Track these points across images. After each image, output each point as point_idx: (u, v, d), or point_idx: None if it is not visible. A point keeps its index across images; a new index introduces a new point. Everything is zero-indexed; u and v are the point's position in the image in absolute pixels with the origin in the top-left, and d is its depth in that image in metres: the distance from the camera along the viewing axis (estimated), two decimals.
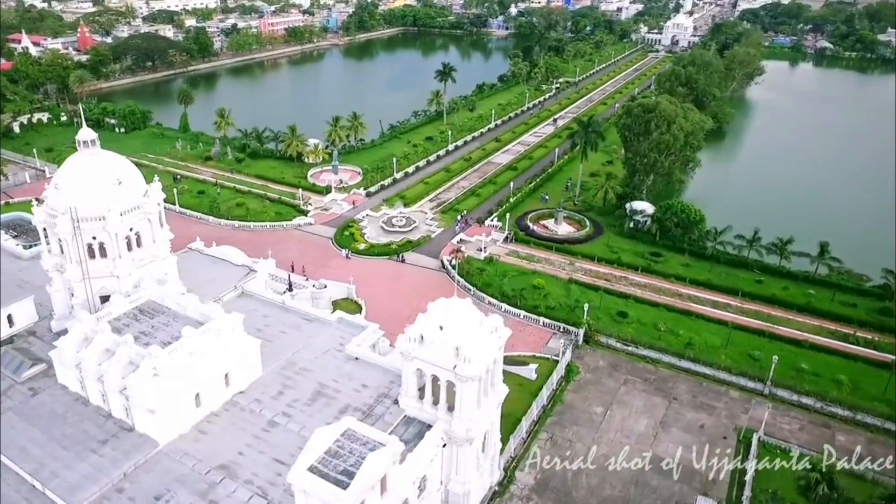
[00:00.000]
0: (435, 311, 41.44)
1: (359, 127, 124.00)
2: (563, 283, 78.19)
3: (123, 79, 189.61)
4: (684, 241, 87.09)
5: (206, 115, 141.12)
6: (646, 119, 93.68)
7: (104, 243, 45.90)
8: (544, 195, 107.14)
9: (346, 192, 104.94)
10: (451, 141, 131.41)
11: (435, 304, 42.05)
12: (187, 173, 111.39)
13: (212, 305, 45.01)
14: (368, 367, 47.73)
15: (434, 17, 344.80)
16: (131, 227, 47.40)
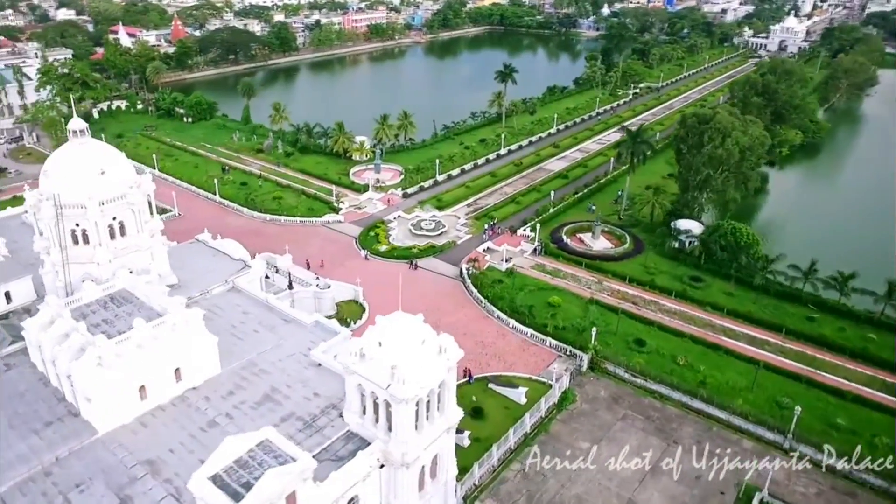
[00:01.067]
0: (378, 326, 39.99)
1: (408, 126, 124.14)
2: (582, 303, 74.06)
3: (207, 70, 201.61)
4: (731, 266, 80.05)
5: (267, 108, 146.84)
6: (700, 131, 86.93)
7: (86, 230, 48.13)
8: (591, 206, 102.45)
9: (384, 191, 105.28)
10: (503, 144, 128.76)
11: (382, 318, 40.59)
12: (238, 165, 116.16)
13: (175, 299, 45.94)
14: (327, 375, 46.92)
15: (521, 16, 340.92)
16: (115, 217, 49.47)
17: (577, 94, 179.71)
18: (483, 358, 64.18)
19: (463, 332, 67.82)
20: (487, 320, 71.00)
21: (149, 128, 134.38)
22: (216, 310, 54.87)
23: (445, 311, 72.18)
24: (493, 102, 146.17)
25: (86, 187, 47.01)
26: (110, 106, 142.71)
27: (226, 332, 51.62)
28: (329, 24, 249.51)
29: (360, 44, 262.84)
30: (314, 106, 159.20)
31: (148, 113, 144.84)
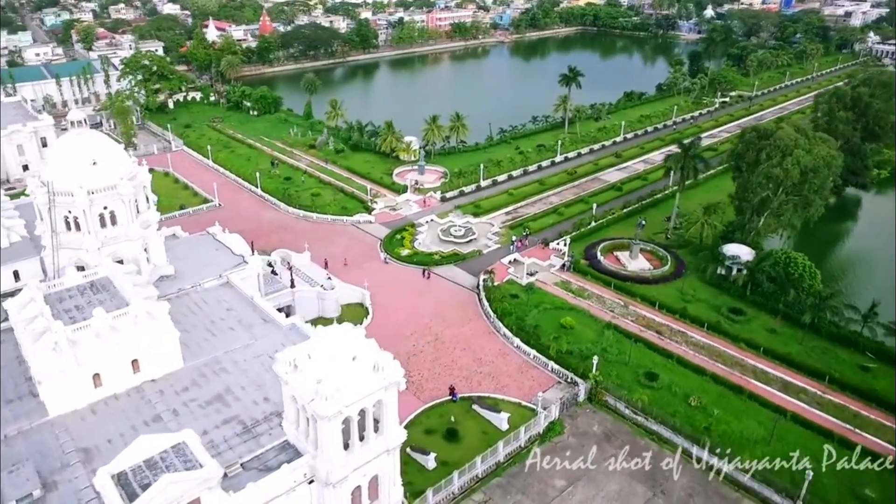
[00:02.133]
0: (314, 336, 39.13)
1: (460, 128, 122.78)
2: (599, 327, 69.63)
3: (286, 65, 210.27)
4: (779, 300, 72.49)
5: None
6: (759, 147, 79.38)
7: (77, 218, 50.78)
8: (641, 221, 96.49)
9: (422, 193, 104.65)
10: (560, 151, 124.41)
11: (319, 329, 39.70)
12: (288, 159, 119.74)
13: (146, 289, 47.44)
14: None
15: (616, 17, 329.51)
16: (106, 206, 51.86)
17: (656, 101, 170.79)
18: (476, 376, 61.84)
19: (463, 347, 66.14)
20: (492, 336, 68.43)
21: (216, 119, 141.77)
22: (201, 303, 56.39)
23: (451, 322, 70.42)
24: (559, 107, 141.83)
25: (76, 176, 49.65)
26: (185, 97, 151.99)
27: (201, 327, 52.98)
28: (411, 22, 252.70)
29: (441, 42, 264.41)
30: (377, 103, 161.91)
31: (219, 105, 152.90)
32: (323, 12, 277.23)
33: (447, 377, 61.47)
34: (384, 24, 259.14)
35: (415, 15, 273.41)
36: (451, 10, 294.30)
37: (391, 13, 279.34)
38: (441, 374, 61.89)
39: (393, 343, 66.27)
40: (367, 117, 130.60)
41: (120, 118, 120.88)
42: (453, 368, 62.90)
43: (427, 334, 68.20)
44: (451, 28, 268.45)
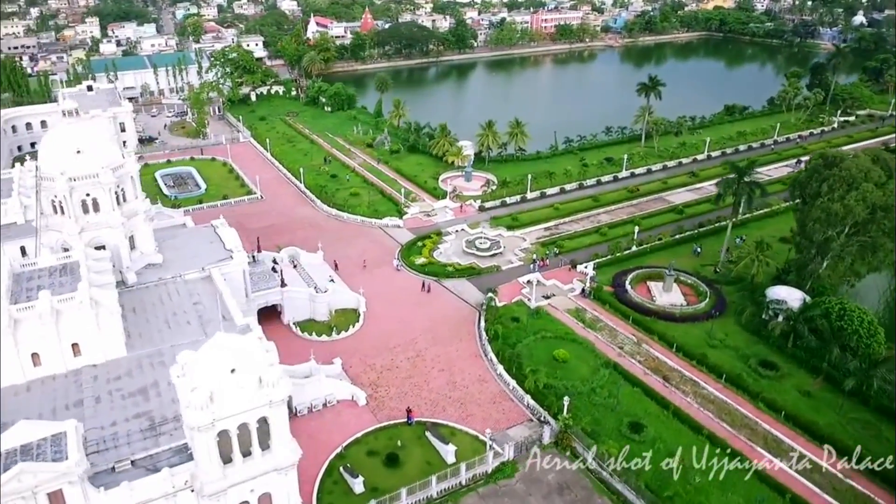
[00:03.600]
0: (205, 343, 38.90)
1: (519, 134, 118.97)
2: (598, 364, 64.07)
3: (379, 63, 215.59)
4: (824, 357, 62.80)
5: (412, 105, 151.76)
6: (823, 176, 69.35)
7: (62, 202, 54.47)
8: (696, 248, 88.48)
9: (463, 201, 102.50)
10: (626, 166, 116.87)
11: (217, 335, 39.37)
12: (342, 157, 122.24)
13: (103, 276, 49.86)
14: None
15: (746, 22, 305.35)
16: (88, 193, 55.16)
17: (761, 117, 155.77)
18: (444, 400, 59.13)
19: (441, 368, 63.73)
20: (477, 360, 65.23)
21: (291, 114, 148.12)
22: (173, 295, 58.52)
23: (440, 339, 68.06)
24: (640, 118, 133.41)
25: (60, 163, 53.29)
26: (269, 91, 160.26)
27: (162, 318, 54.92)
28: (511, 23, 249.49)
29: (544, 44, 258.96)
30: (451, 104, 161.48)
31: (298, 100, 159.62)
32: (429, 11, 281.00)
33: (413, 397, 59.35)
34: (486, 24, 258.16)
35: (519, 15, 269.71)
36: (559, 11, 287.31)
37: (495, 13, 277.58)
38: (408, 394, 59.86)
39: (372, 354, 65.63)
40: (437, 118, 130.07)
41: (196, 108, 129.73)
42: (423, 389, 60.61)
43: (410, 349, 66.35)
44: (555, 30, 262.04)
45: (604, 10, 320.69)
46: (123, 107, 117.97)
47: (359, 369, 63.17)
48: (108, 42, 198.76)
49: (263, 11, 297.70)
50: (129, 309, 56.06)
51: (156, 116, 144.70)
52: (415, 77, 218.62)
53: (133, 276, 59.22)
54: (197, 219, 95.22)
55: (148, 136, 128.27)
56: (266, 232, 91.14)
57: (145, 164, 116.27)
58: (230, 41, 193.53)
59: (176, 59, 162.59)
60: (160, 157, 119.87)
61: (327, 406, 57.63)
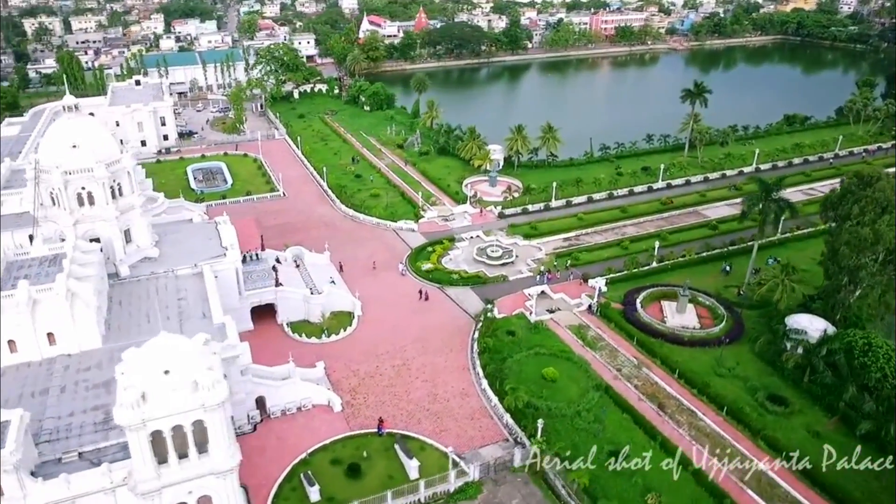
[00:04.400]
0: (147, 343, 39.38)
1: (551, 140, 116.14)
2: (589, 386, 61.18)
3: (428, 63, 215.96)
4: (841, 394, 57.83)
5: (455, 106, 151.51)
6: (856, 197, 63.90)
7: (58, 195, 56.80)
8: (726, 266, 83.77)
9: (483, 206, 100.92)
10: (662, 176, 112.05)
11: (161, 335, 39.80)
12: (373, 157, 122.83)
13: (85, 269, 51.59)
14: None
15: (826, 25, 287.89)
16: (83, 187, 57.24)
17: (824, 129, 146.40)
18: (421, 413, 58.00)
19: (425, 378, 62.71)
20: (464, 373, 63.76)
21: (330, 112, 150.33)
22: (161, 290, 60.00)
23: (431, 349, 66.96)
24: (685, 126, 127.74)
25: (56, 157, 55.57)
26: (312, 89, 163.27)
27: (144, 312, 56.43)
28: (568, 24, 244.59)
29: (602, 46, 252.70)
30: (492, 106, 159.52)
31: (340, 98, 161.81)
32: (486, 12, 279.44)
33: (390, 407, 58.56)
34: (543, 25, 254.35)
35: (578, 16, 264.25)
36: (622, 12, 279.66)
37: (553, 13, 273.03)
38: (386, 403, 59.11)
39: (358, 360, 65.29)
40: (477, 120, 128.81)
41: (234, 104, 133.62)
42: (402, 399, 59.71)
43: (398, 357, 65.58)
44: (615, 32, 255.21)
45: (671, 12, 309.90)
46: (164, 101, 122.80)
47: (341, 374, 62.94)
48: (167, 38, 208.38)
49: (324, 10, 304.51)
50: (116, 301, 58.08)
51: (201, 111, 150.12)
52: (464, 78, 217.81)
53: (126, 269, 61.15)
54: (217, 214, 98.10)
55: (188, 131, 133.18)
56: (281, 229, 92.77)
57: (181, 157, 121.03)
58: (282, 39, 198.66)
59: (224, 56, 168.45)
60: (196, 151, 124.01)
61: (301, 410, 57.63)
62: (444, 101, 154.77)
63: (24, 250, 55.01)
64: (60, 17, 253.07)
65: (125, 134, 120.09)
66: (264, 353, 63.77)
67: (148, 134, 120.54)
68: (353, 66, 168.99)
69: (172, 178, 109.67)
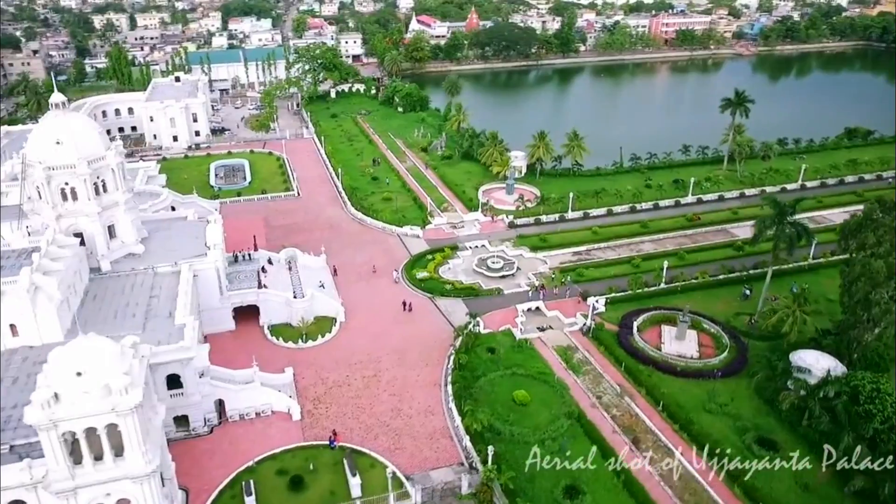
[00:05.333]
0: None
1: (576, 148, 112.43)
2: (562, 413, 58.34)
3: (474, 64, 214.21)
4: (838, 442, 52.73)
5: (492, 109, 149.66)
6: (875, 224, 58.19)
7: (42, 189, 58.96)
8: (746, 289, 78.68)
9: (496, 215, 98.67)
10: (691, 191, 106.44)
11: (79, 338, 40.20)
12: (395, 160, 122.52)
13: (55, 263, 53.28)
14: None
15: None
16: (67, 182, 59.14)
17: (889, 144, 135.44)
18: (380, 427, 56.81)
19: (393, 392, 61.56)
20: (435, 389, 62.10)
21: (363, 112, 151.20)
22: (137, 287, 61.35)
23: (406, 362, 65.62)
24: (727, 138, 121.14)
25: (40, 152, 57.58)
26: (350, 88, 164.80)
27: (112, 309, 57.91)
28: (624, 26, 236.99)
29: (661, 50, 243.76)
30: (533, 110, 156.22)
31: (376, 98, 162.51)
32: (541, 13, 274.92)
33: (350, 420, 57.68)
34: (599, 27, 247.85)
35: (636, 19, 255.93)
36: (685, 14, 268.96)
37: (610, 16, 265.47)
38: (347, 415, 58.25)
39: (329, 368, 64.77)
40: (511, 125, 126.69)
41: (265, 102, 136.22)
42: (365, 412, 58.67)
43: (370, 368, 64.59)
44: (675, 35, 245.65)
45: (741, 15, 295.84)
46: (197, 98, 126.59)
47: (310, 381, 62.55)
48: (219, 36, 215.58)
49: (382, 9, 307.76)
50: (92, 296, 59.80)
51: (239, 108, 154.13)
52: (511, 80, 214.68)
53: (107, 265, 62.94)
54: (229, 210, 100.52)
55: (221, 128, 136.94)
56: (287, 230, 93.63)
57: (208, 153, 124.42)
58: (329, 38, 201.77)
59: (266, 55, 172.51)
60: (225, 148, 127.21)
61: (261, 415, 57.54)
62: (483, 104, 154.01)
63: (6, 242, 57.34)
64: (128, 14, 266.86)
65: (158, 129, 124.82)
66: (239, 355, 64.55)
67: (179, 130, 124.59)
68: (391, 66, 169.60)
69: (196, 173, 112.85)
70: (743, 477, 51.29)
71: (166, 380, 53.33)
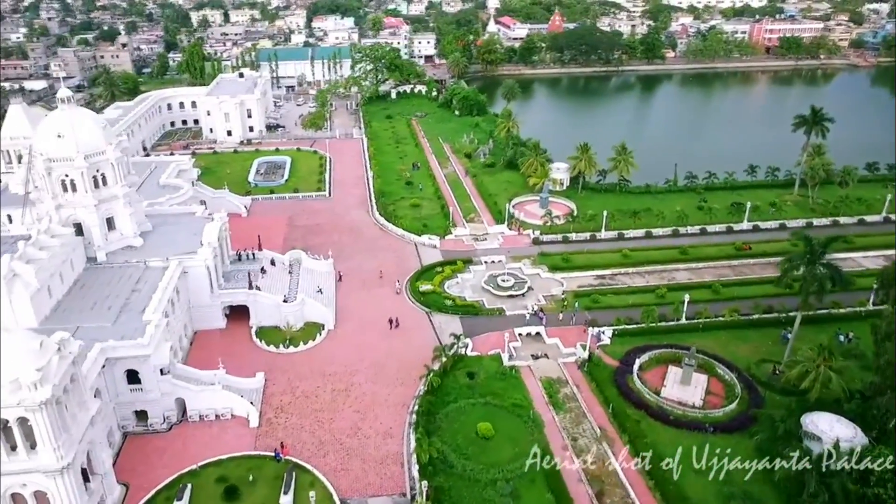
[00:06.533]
0: None
1: (623, 162, 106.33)
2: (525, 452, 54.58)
3: (550, 68, 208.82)
4: None
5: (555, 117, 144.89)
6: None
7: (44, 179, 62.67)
8: (787, 333, 71.04)
9: (524, 229, 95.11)
10: (747, 217, 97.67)
11: None
12: (436, 165, 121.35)
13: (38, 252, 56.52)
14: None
15: None
16: (67, 174, 62.47)
17: None
18: (332, 445, 55.75)
19: (358, 409, 60.59)
20: (402, 410, 60.10)
21: (419, 114, 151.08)
22: (124, 279, 64.02)
23: (382, 379, 64.22)
24: (802, 159, 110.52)
25: (43, 144, 61.17)
26: (413, 89, 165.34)
27: (92, 300, 60.58)
28: (718, 32, 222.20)
29: (760, 59, 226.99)
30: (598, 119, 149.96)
31: (436, 100, 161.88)
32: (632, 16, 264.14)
33: (306, 433, 57.07)
34: (693, 32, 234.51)
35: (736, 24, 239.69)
36: (794, 20, 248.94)
37: (708, 20, 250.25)
38: (304, 428, 57.68)
39: (302, 376, 64.66)
40: (572, 134, 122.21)
41: (319, 101, 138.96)
42: (323, 427, 57.85)
43: (343, 381, 63.68)
44: (778, 43, 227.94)
45: (864, 21, 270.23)
46: (253, 95, 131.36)
47: (280, 388, 62.57)
48: (298, 33, 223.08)
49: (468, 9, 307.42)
50: (80, 285, 62.87)
51: (300, 105, 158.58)
52: (588, 87, 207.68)
53: (103, 255, 66.00)
54: (259, 207, 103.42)
55: (276, 124, 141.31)
56: (307, 230, 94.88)
57: (256, 149, 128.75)
58: (403, 38, 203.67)
59: (332, 53, 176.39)
60: (275, 144, 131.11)
61: (220, 418, 58.10)
62: (552, 110, 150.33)
63: (7, 228, 61.43)
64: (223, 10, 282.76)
65: (213, 123, 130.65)
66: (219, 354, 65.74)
67: (233, 125, 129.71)
68: (454, 67, 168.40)
69: (240, 169, 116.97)
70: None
71: (127, 375, 55.07)
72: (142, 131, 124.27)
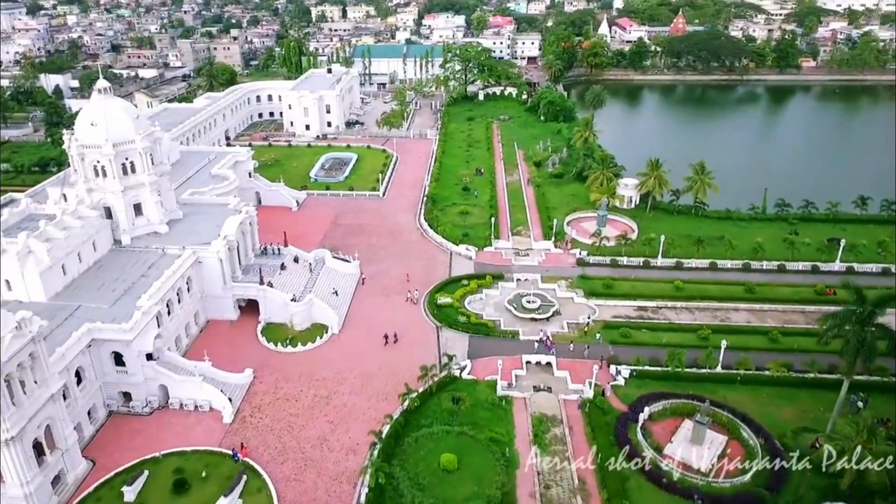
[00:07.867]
0: None
1: (699, 183, 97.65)
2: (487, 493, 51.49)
3: (663, 75, 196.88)
4: None
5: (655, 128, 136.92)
6: None
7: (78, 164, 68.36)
8: (856, 398, 62.19)
9: (575, 247, 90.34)
10: (839, 256, 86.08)
11: None
12: (500, 171, 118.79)
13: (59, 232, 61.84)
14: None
15: None
16: (98, 160, 67.60)
17: None
18: (293, 453, 55.85)
19: (331, 419, 60.72)
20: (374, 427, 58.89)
21: (502, 117, 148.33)
22: (138, 264, 68.35)
23: (367, 390, 63.69)
24: None
25: (79, 131, 66.68)
26: (502, 91, 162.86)
27: (101, 281, 65.12)
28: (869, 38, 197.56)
29: None
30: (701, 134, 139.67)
31: (525, 104, 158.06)
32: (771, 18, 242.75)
33: (272, 437, 57.78)
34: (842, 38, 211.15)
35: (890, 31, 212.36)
36: None
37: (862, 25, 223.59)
38: (274, 431, 58.37)
39: (291, 378, 65.73)
40: (666, 148, 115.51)
41: (398, 100, 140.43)
42: (292, 433, 58.15)
43: (328, 388, 63.69)
44: None
45: None
46: (332, 91, 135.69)
47: (265, 387, 63.75)
48: (403, 30, 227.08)
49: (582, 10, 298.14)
50: (99, 265, 67.76)
51: (388, 103, 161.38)
52: (707, 96, 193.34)
53: (128, 239, 70.83)
54: (311, 202, 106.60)
55: (356, 121, 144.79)
56: (348, 230, 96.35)
57: (328, 144, 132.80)
58: (507, 38, 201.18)
59: (424, 51, 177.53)
60: (350, 141, 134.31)
61: (198, 409, 60.17)
62: (651, 121, 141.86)
63: (43, 206, 67.62)
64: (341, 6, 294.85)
65: (294, 117, 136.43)
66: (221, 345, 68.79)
67: (311, 119, 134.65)
68: (548, 70, 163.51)
69: (307, 163, 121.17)
70: None
71: (114, 357, 58.53)
72: (226, 121, 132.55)
